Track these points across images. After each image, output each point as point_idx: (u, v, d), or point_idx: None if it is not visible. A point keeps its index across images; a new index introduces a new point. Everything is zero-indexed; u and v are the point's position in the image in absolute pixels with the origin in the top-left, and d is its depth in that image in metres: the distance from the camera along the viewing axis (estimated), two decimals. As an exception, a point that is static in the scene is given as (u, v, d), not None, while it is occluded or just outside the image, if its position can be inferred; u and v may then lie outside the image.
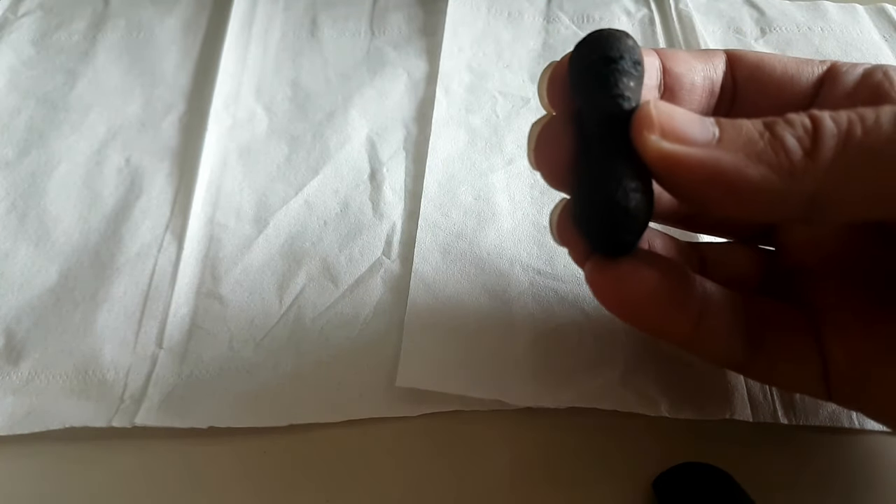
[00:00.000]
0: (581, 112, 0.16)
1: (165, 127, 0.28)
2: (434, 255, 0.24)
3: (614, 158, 0.15)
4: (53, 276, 0.24)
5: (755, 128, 0.14)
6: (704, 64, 0.19)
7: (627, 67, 0.16)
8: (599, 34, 0.16)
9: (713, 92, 0.19)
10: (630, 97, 0.15)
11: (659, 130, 0.14)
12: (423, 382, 0.21)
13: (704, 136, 0.14)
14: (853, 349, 0.17)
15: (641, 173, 0.15)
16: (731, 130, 0.15)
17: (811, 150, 0.14)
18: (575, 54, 0.16)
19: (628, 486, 0.19)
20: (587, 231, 0.16)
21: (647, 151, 0.14)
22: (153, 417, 0.20)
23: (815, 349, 0.18)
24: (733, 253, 0.21)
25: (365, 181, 0.26)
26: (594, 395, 0.21)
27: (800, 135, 0.14)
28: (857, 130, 0.14)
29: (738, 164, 0.14)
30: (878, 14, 0.33)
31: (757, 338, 0.18)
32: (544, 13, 0.33)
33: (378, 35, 0.32)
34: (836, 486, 0.19)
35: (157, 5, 0.33)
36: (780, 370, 0.18)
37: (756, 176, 0.14)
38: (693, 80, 0.18)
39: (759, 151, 0.14)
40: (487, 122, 0.28)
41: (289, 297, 0.23)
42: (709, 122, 0.15)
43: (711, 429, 0.20)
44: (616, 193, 0.15)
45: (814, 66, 0.19)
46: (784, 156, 0.14)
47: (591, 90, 0.16)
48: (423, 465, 0.20)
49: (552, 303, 0.23)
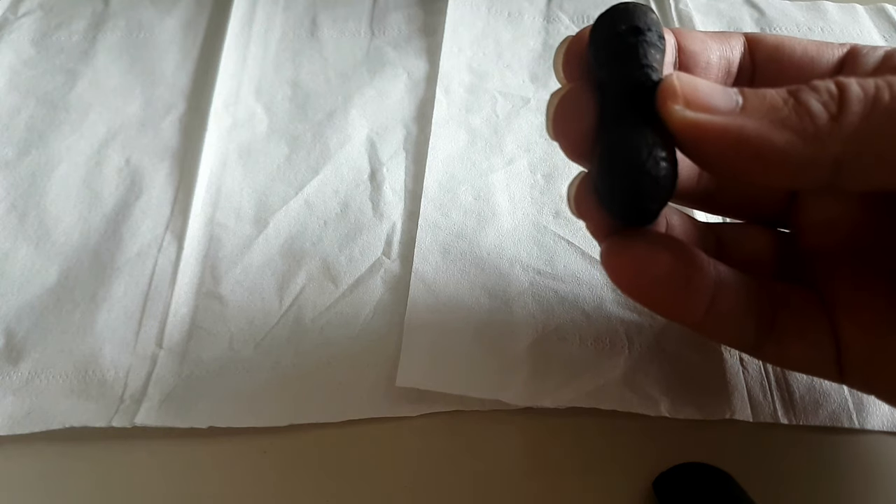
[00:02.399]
0: (605, 83, 0.16)
1: (165, 127, 0.28)
2: (434, 255, 0.24)
3: (641, 128, 0.15)
4: (53, 276, 0.24)
5: (779, 95, 0.14)
6: (721, 44, 0.19)
7: (654, 40, 0.16)
8: (626, 6, 0.16)
9: (730, 72, 0.19)
10: (657, 68, 0.16)
11: (683, 100, 0.14)
12: (423, 382, 0.21)
13: (728, 105, 0.14)
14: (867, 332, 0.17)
15: (667, 142, 0.15)
16: (754, 98, 0.15)
17: (837, 114, 0.14)
18: (600, 25, 0.16)
19: (628, 486, 0.19)
20: (611, 200, 0.16)
21: (672, 121, 0.14)
22: (153, 417, 0.20)
23: (829, 332, 0.18)
24: (749, 234, 0.20)
25: (365, 181, 0.26)
26: (594, 395, 0.21)
27: (825, 100, 0.14)
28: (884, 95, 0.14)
29: (763, 130, 0.14)
30: (878, 14, 0.33)
31: (769, 320, 0.18)
32: (544, 13, 0.33)
33: (378, 35, 0.32)
34: (837, 485, 0.19)
35: (157, 5, 0.33)
36: (793, 353, 0.18)
37: (781, 141, 0.14)
38: (709, 59, 0.18)
39: (783, 117, 0.14)
40: (487, 122, 0.28)
41: (289, 297, 0.23)
42: (732, 92, 0.15)
43: (711, 429, 0.20)
44: (646, 162, 0.15)
45: (834, 48, 0.18)
46: (809, 120, 0.14)
47: (620, 60, 0.16)
48: (423, 465, 0.20)
49: (552, 303, 0.23)
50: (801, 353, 0.18)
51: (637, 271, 0.16)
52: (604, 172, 0.16)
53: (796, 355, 0.18)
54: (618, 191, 0.15)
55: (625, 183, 0.15)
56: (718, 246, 0.20)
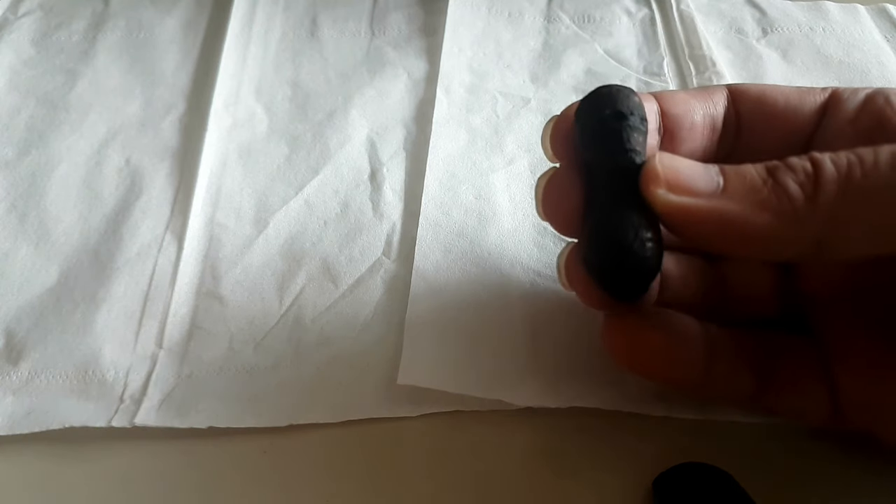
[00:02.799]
0: (591, 165, 0.17)
1: (165, 127, 0.28)
2: (435, 254, 0.24)
3: (627, 210, 0.16)
4: (53, 276, 0.24)
5: (758, 174, 0.15)
6: (704, 102, 0.19)
7: (636, 123, 0.16)
8: (609, 90, 0.17)
9: (715, 128, 0.19)
10: (640, 151, 0.16)
11: (665, 184, 0.15)
12: (423, 380, 0.21)
13: (709, 187, 0.15)
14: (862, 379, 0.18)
15: (652, 223, 0.16)
16: (734, 179, 0.15)
17: (813, 194, 0.14)
18: (584, 109, 0.17)
19: (628, 486, 0.19)
20: (601, 278, 0.16)
21: (656, 205, 0.15)
22: (153, 417, 0.20)
23: (824, 380, 0.18)
24: (752, 272, 0.21)
25: (365, 181, 0.26)
26: (594, 395, 0.21)
27: (801, 179, 0.15)
28: (856, 172, 0.14)
29: (743, 212, 0.14)
30: (880, 14, 0.33)
31: (765, 374, 0.18)
32: (545, 13, 0.33)
33: (378, 35, 0.32)
34: (837, 486, 0.19)
35: (157, 5, 0.33)
36: (789, 404, 0.18)
37: (761, 223, 0.14)
38: (693, 120, 0.19)
39: (763, 199, 0.15)
40: (488, 121, 0.28)
41: (289, 297, 0.23)
42: (713, 172, 0.15)
43: (711, 429, 0.20)
44: (633, 244, 0.15)
45: (815, 94, 0.19)
46: (787, 202, 0.14)
47: (604, 144, 0.16)
48: (423, 465, 0.20)
49: (553, 303, 0.23)
50: (797, 403, 0.18)
51: (632, 350, 0.18)
52: (592, 252, 0.16)
53: (792, 406, 0.19)
54: (607, 271, 0.16)
55: (613, 264, 0.16)
56: (722, 282, 0.20)
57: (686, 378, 0.18)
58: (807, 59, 0.31)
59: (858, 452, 0.20)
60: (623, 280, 0.16)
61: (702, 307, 0.20)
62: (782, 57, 0.31)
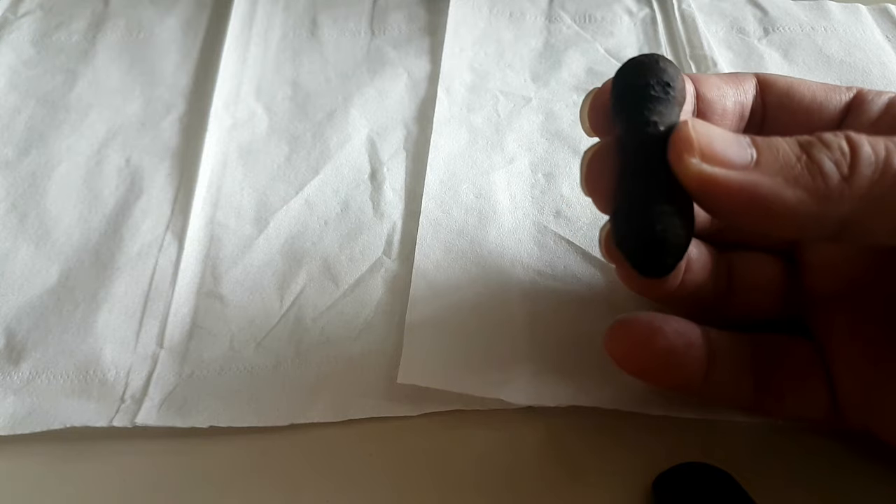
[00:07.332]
0: (622, 137, 0.16)
1: (165, 127, 0.28)
2: (436, 252, 0.24)
3: (654, 186, 0.15)
4: (54, 276, 0.24)
5: (791, 150, 0.15)
6: (735, 88, 0.19)
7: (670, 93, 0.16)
8: (644, 58, 0.16)
9: (743, 116, 0.19)
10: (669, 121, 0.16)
11: (699, 152, 0.15)
12: (424, 379, 0.21)
13: (743, 159, 0.15)
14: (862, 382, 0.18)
15: (681, 197, 0.15)
16: (767, 152, 0.15)
17: (848, 175, 0.14)
18: (618, 78, 0.17)
19: (628, 486, 0.19)
20: (630, 256, 0.16)
21: (687, 175, 0.15)
22: (154, 417, 0.20)
23: (824, 380, 0.18)
24: (760, 263, 0.21)
25: (365, 181, 0.26)
26: (594, 395, 0.20)
27: (837, 158, 0.14)
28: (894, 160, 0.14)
29: (776, 187, 0.14)
30: (881, 14, 0.33)
31: (765, 377, 0.18)
32: (546, 13, 0.33)
33: (378, 35, 0.32)
34: (837, 486, 0.19)
35: (157, 5, 0.33)
36: (789, 406, 0.19)
37: (793, 199, 0.14)
38: (725, 106, 0.19)
39: (796, 175, 0.14)
40: (489, 121, 0.28)
41: (289, 296, 0.23)
42: (745, 143, 0.15)
43: (711, 429, 0.20)
44: (657, 225, 0.15)
45: (841, 92, 0.19)
46: (821, 180, 0.14)
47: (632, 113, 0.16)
48: (423, 465, 0.20)
49: (553, 303, 0.23)
50: (797, 405, 0.19)
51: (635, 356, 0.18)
52: (621, 230, 0.16)
53: (792, 407, 0.19)
54: (635, 249, 0.16)
55: (640, 242, 0.15)
56: (730, 272, 0.20)
57: (688, 383, 0.18)
58: (808, 59, 0.31)
59: (858, 452, 0.20)
60: (652, 258, 0.16)
61: (709, 299, 0.20)
62: (783, 57, 0.31)
